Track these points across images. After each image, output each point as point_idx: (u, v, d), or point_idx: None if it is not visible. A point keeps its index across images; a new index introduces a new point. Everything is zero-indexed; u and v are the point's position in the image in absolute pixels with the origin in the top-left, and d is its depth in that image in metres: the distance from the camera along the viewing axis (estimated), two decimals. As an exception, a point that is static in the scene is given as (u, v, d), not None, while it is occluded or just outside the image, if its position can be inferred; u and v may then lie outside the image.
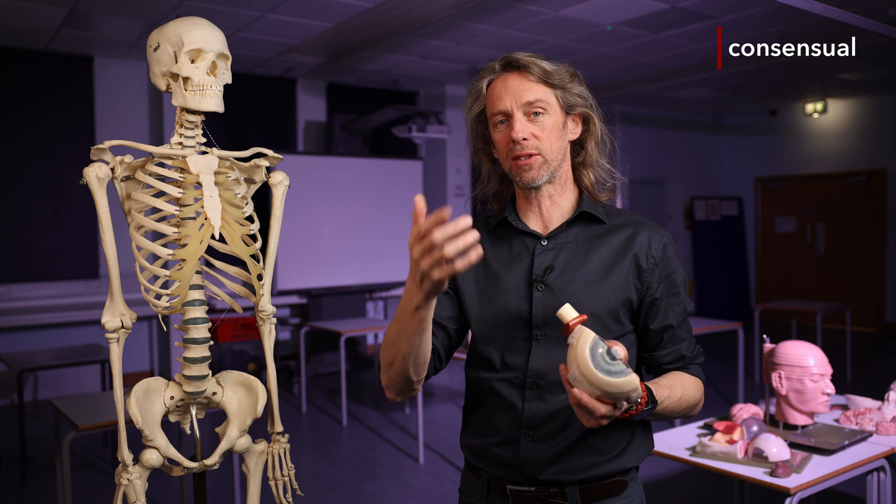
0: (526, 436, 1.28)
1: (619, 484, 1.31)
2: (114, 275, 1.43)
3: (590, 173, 1.38)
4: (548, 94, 1.30)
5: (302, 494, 1.61)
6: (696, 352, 1.36)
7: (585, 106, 1.34)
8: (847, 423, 2.54)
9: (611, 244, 1.33)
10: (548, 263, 1.32)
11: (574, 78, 1.34)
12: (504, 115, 1.31)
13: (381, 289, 7.12)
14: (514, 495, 1.31)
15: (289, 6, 4.85)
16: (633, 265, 1.31)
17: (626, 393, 1.03)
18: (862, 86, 8.10)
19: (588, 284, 1.29)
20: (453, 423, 5.12)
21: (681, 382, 1.28)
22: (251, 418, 1.50)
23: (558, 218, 1.36)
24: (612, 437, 1.29)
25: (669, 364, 1.34)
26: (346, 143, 7.01)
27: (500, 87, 1.31)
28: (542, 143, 1.29)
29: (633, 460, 1.32)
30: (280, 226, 1.59)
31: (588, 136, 1.37)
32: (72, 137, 5.97)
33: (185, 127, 1.45)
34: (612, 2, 4.88)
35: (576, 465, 1.28)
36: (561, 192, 1.36)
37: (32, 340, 5.77)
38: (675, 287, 1.33)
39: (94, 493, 3.83)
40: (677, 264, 1.34)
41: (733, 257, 10.05)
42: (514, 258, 1.36)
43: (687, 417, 1.34)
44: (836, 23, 4.91)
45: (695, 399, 1.30)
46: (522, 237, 1.37)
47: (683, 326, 1.34)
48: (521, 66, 1.30)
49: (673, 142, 9.72)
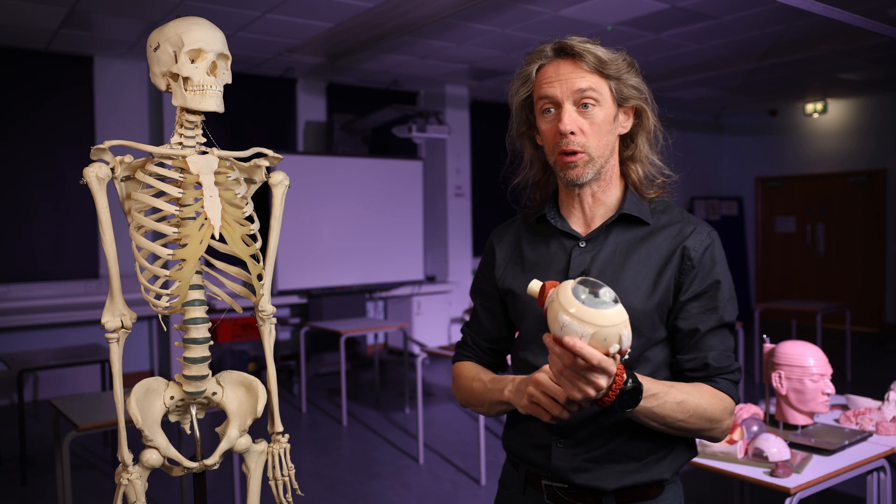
0: (557, 443, 1.25)
1: (655, 487, 1.26)
2: (114, 275, 1.43)
3: (638, 168, 1.31)
4: (601, 85, 1.23)
5: (302, 494, 1.61)
6: (727, 365, 1.24)
7: (640, 98, 1.27)
8: (847, 423, 2.54)
9: (651, 248, 1.26)
10: (584, 267, 1.27)
11: (631, 68, 1.26)
12: (553, 103, 1.24)
13: (381, 289, 7.12)
14: (549, 490, 1.28)
15: (289, 6, 4.85)
16: (674, 268, 1.24)
17: (617, 326, 0.98)
18: (862, 86, 8.10)
19: (624, 290, 1.22)
20: (453, 423, 5.12)
21: (690, 388, 1.19)
22: (251, 418, 1.50)
23: (601, 216, 1.30)
24: (647, 444, 1.24)
25: (692, 371, 1.24)
26: (346, 143, 7.01)
27: (552, 72, 1.24)
28: (589, 140, 1.23)
29: (669, 470, 1.26)
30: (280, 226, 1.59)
31: (639, 129, 1.30)
32: (72, 137, 5.97)
33: (185, 127, 1.45)
34: (612, 2, 4.88)
35: (608, 473, 1.23)
36: (606, 188, 1.30)
37: (32, 340, 5.77)
38: (713, 290, 1.24)
39: (94, 493, 3.83)
40: (721, 268, 1.25)
41: (733, 257, 10.04)
42: (552, 259, 1.31)
43: (706, 437, 1.23)
44: (836, 23, 4.92)
45: (708, 411, 1.19)
46: (560, 237, 1.32)
47: (715, 335, 1.24)
48: (575, 54, 1.22)
49: (672, 142, 9.70)
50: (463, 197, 7.78)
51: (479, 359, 1.45)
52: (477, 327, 1.46)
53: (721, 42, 5.98)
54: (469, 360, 1.45)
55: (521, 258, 1.36)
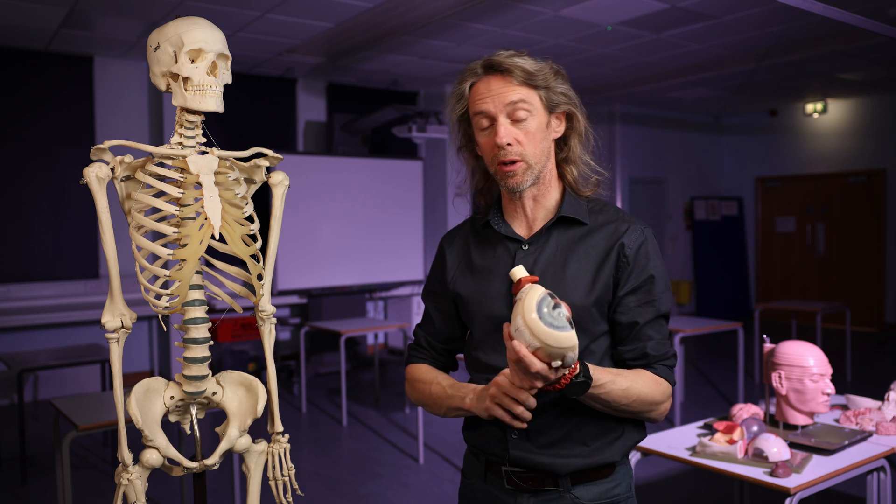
0: (512, 433, 1.33)
1: (607, 468, 1.35)
2: (114, 275, 1.43)
3: (573, 169, 1.38)
4: (531, 96, 1.30)
5: (302, 494, 1.61)
6: (664, 352, 1.33)
7: (569, 103, 1.34)
8: (847, 423, 2.54)
9: (589, 247, 1.34)
10: (527, 268, 1.33)
11: (557, 76, 1.33)
12: (488, 117, 1.31)
13: (381, 289, 7.12)
14: (508, 475, 1.35)
15: (289, 6, 4.85)
16: (611, 265, 1.32)
17: (563, 349, 1.04)
18: (862, 86, 8.10)
19: (565, 289, 1.30)
20: (453, 423, 5.11)
21: (634, 375, 1.28)
22: (251, 418, 1.51)
23: (542, 218, 1.38)
24: (597, 430, 1.32)
25: (633, 361, 1.33)
26: (346, 143, 7.01)
27: (483, 89, 1.31)
28: (526, 149, 1.30)
29: (619, 453, 1.35)
30: (280, 226, 1.59)
31: (571, 132, 1.37)
32: (72, 137, 5.97)
33: (185, 127, 1.45)
34: (612, 2, 4.88)
35: (562, 458, 1.31)
36: (545, 191, 1.38)
37: (32, 340, 5.77)
38: (648, 285, 1.32)
39: (94, 493, 3.83)
40: (655, 262, 1.33)
41: (733, 257, 10.05)
42: (497, 262, 1.39)
43: (646, 418, 1.33)
44: (836, 23, 4.92)
45: (650, 396, 1.28)
46: (505, 241, 1.40)
47: (653, 325, 1.33)
48: (504, 70, 1.29)
49: (673, 142, 9.72)
50: (463, 197, 7.78)
51: (433, 360, 1.54)
52: (430, 328, 1.53)
53: (721, 42, 5.98)
54: (423, 362, 1.53)
55: (470, 262, 1.44)
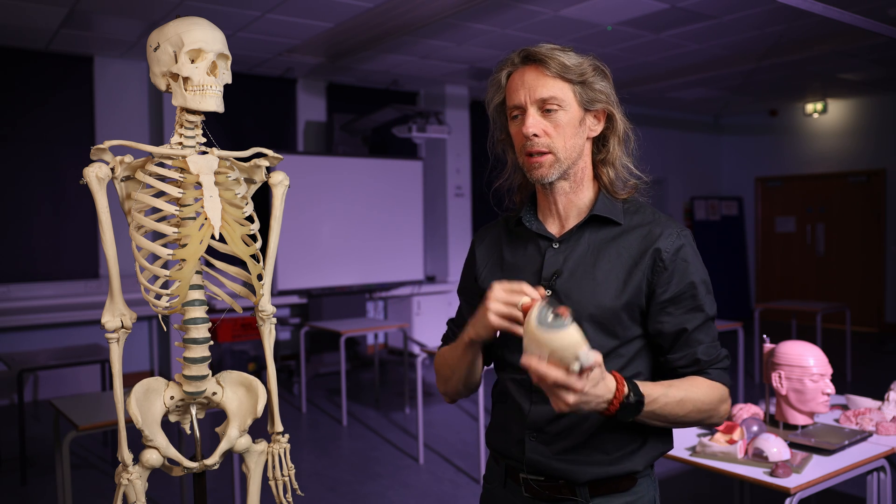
0: (531, 436, 1.30)
1: (628, 480, 1.31)
2: (114, 275, 1.43)
3: (609, 171, 1.35)
4: (564, 91, 1.27)
5: (302, 494, 1.61)
6: (715, 355, 1.30)
7: (607, 102, 1.31)
8: (847, 423, 2.54)
9: (622, 248, 1.30)
10: (556, 267, 1.31)
11: (597, 72, 1.29)
12: (519, 108, 1.29)
13: (381, 289, 7.12)
14: (526, 483, 1.33)
15: (289, 6, 4.85)
16: (645, 269, 1.28)
17: (568, 347, 1.02)
18: (862, 86, 8.10)
19: (594, 290, 1.27)
20: (453, 423, 5.12)
21: (687, 384, 1.25)
22: (251, 418, 1.51)
23: (575, 217, 1.35)
24: (619, 438, 1.28)
25: (684, 368, 1.29)
26: (346, 143, 7.01)
27: (518, 80, 1.29)
28: (555, 141, 1.27)
29: (641, 463, 1.30)
30: (280, 226, 1.59)
31: (611, 133, 1.34)
32: (72, 137, 5.97)
33: (185, 127, 1.45)
34: (612, 2, 4.88)
35: (580, 465, 1.28)
36: (577, 189, 1.34)
37: (32, 340, 5.77)
38: (691, 290, 1.28)
39: (94, 493, 3.83)
40: (695, 266, 1.29)
41: (733, 257, 10.05)
42: (528, 260, 1.36)
43: (707, 424, 1.31)
44: (836, 23, 4.92)
45: (706, 402, 1.26)
46: (536, 238, 1.37)
47: (702, 330, 1.29)
48: (539, 60, 1.27)
49: (673, 142, 9.71)
50: (463, 197, 7.79)
51: None
52: (461, 322, 1.51)
53: (721, 42, 5.98)
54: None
55: (501, 259, 1.42)
